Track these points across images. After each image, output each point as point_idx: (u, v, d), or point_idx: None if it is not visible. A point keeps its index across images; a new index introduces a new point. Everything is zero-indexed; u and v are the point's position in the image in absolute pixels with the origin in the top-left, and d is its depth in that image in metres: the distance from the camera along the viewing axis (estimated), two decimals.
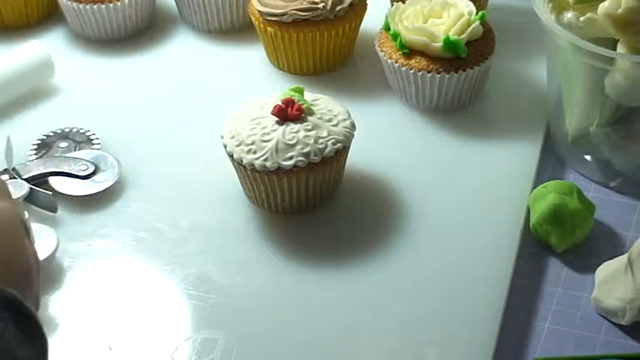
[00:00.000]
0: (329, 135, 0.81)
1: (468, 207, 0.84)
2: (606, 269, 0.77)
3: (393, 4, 0.97)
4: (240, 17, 1.06)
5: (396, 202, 0.85)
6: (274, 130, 0.81)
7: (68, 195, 0.86)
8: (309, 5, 0.95)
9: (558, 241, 0.80)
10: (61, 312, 0.77)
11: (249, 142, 0.81)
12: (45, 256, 0.77)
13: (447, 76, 0.91)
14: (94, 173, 0.87)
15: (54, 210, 0.84)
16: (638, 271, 0.74)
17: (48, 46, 1.01)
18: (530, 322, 0.75)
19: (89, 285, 0.79)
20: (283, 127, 0.81)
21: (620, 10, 0.79)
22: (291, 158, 0.80)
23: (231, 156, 0.82)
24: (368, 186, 0.87)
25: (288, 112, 0.81)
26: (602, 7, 0.80)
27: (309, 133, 0.81)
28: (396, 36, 0.92)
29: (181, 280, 0.79)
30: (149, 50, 1.06)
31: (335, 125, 0.82)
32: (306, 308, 0.77)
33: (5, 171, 0.86)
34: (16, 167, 0.87)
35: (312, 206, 0.84)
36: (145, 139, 0.93)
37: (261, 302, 0.77)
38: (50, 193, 0.85)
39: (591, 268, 0.78)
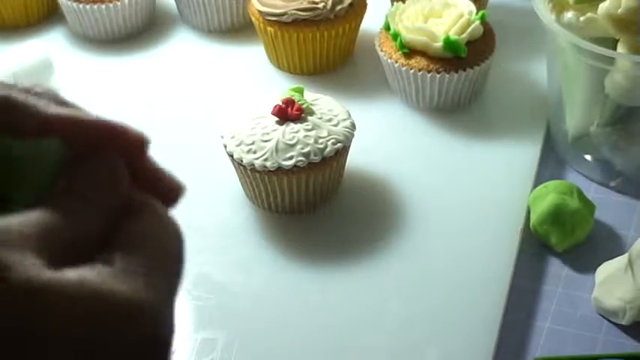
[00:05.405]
0: (329, 135, 0.81)
1: (468, 207, 0.84)
2: (606, 269, 0.76)
3: (393, 4, 0.97)
4: (240, 17, 1.06)
5: (396, 202, 0.85)
6: (274, 130, 0.81)
7: None
8: (309, 5, 0.95)
9: (558, 241, 0.80)
10: None
11: (249, 142, 0.81)
12: None
13: (447, 76, 0.91)
14: None
15: None
16: (638, 271, 0.74)
17: (48, 46, 1.01)
18: (530, 322, 0.75)
19: None
20: (283, 127, 0.81)
21: (620, 10, 0.79)
22: (291, 158, 0.80)
23: (231, 156, 0.82)
24: (368, 186, 0.87)
25: (288, 112, 0.81)
26: (602, 7, 0.80)
27: (309, 133, 0.80)
28: (396, 36, 0.92)
29: None
30: (149, 50, 1.06)
31: (335, 125, 0.82)
32: (306, 308, 0.77)
33: None
34: None
35: (312, 206, 0.84)
36: None
37: (261, 302, 0.77)
38: None
39: (591, 268, 0.78)
